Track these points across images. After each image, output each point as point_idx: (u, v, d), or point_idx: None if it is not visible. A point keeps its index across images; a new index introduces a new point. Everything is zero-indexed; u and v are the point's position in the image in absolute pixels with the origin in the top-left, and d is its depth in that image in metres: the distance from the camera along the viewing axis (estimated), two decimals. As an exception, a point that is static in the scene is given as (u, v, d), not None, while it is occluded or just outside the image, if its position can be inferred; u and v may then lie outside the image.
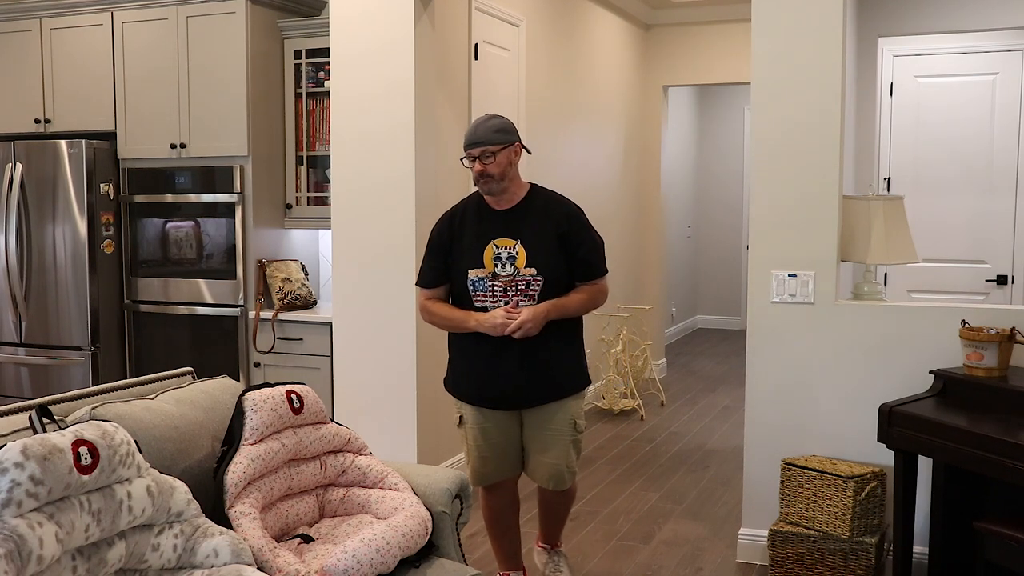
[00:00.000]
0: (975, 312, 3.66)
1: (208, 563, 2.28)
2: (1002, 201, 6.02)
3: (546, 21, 6.21)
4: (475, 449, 3.50)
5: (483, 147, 3.29)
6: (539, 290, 3.32)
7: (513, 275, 3.31)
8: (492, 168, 3.30)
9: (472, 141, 3.32)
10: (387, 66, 4.60)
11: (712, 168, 11.10)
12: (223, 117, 5.24)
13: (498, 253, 3.33)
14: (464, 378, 3.48)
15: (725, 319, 11.14)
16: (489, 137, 3.30)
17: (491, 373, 3.38)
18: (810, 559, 3.72)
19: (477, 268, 3.35)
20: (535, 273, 3.31)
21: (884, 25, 5.91)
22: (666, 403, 7.24)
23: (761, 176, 3.95)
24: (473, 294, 3.36)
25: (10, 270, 5.58)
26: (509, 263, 3.32)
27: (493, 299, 3.33)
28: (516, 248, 3.32)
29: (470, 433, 3.50)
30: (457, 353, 3.50)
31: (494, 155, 3.29)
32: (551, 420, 3.42)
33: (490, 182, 3.31)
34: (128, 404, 2.57)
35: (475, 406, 3.47)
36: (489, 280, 3.33)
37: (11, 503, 1.92)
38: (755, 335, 4.01)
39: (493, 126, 3.33)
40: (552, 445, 3.42)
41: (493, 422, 3.45)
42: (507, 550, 3.66)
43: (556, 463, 3.43)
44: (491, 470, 3.50)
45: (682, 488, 5.17)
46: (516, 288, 3.31)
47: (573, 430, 3.43)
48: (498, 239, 3.34)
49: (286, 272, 5.33)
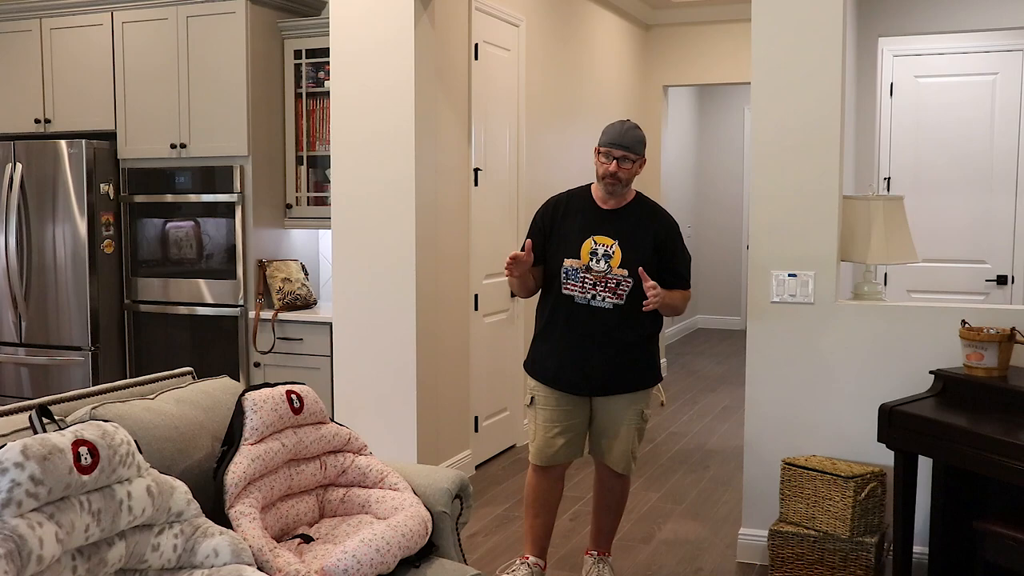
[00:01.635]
0: (975, 312, 3.66)
1: (208, 563, 2.28)
2: (1002, 201, 6.02)
3: (546, 21, 6.21)
4: (543, 429, 3.62)
5: (626, 152, 3.47)
6: (628, 290, 3.46)
7: (606, 272, 3.47)
8: (623, 173, 3.48)
9: (619, 143, 3.47)
10: (387, 66, 4.60)
11: (712, 168, 11.10)
12: (223, 117, 5.24)
13: (595, 248, 3.49)
14: (546, 359, 3.61)
15: (725, 319, 11.14)
16: (634, 146, 3.48)
17: (575, 358, 3.53)
18: (810, 559, 3.72)
19: (573, 258, 3.50)
20: (627, 275, 3.46)
21: (884, 25, 5.91)
22: (666, 403, 7.24)
23: (761, 176, 3.95)
24: (564, 281, 3.52)
25: (10, 270, 5.58)
26: (604, 260, 3.48)
27: (582, 290, 3.49)
28: (614, 248, 3.48)
29: (540, 414, 3.63)
30: (543, 335, 3.64)
31: (633, 163, 3.48)
32: (624, 409, 3.58)
33: (616, 185, 3.49)
34: (128, 404, 2.57)
35: (552, 388, 3.59)
36: (582, 272, 3.49)
37: (11, 503, 1.92)
38: (755, 335, 4.01)
39: (638, 137, 3.51)
40: (625, 432, 3.60)
41: (567, 405, 3.59)
42: (538, 533, 3.74)
43: (624, 448, 3.61)
44: (554, 451, 3.62)
45: (682, 488, 5.17)
46: (606, 285, 3.47)
47: (641, 419, 3.62)
48: (598, 235, 3.51)
49: (286, 272, 5.33)
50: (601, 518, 3.81)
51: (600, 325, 3.49)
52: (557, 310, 3.55)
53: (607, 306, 3.47)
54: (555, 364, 3.58)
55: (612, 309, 3.47)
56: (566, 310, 3.52)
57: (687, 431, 6.43)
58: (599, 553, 3.80)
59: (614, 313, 3.47)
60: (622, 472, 3.66)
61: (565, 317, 3.53)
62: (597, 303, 3.47)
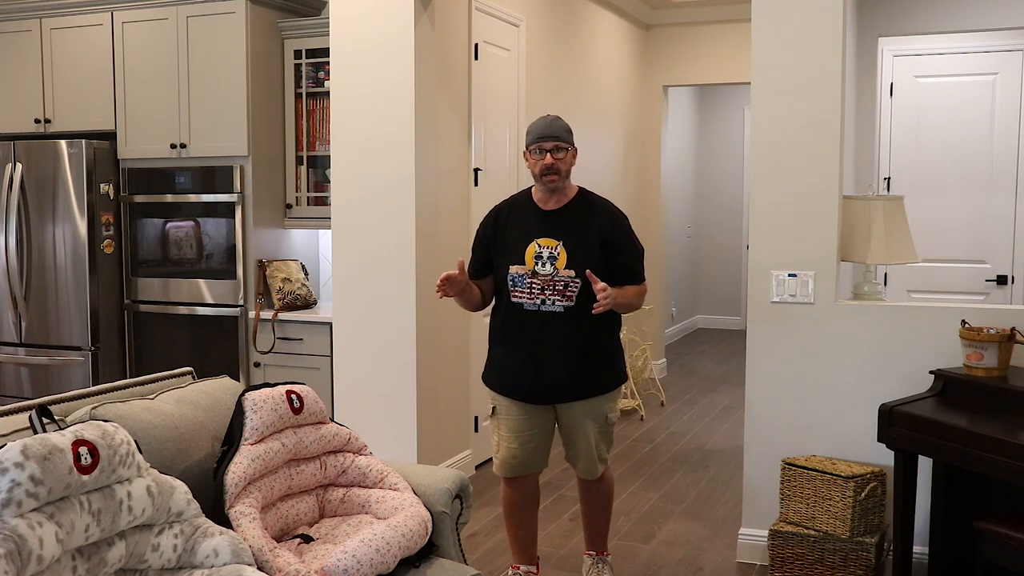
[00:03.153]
0: (975, 312, 3.65)
1: (208, 563, 2.28)
2: (1002, 201, 6.02)
3: (546, 21, 6.21)
4: (505, 440, 3.56)
5: (557, 141, 3.40)
6: (576, 291, 3.38)
7: (552, 275, 3.39)
8: (561, 164, 3.41)
9: (547, 135, 3.40)
10: (387, 66, 4.60)
11: (712, 168, 11.09)
12: (223, 117, 5.24)
13: (540, 252, 3.41)
14: (502, 370, 3.54)
15: (725, 319, 11.14)
16: (563, 135, 3.42)
17: (531, 367, 3.45)
18: (810, 559, 3.72)
19: (518, 264, 3.43)
20: (574, 275, 3.38)
21: (884, 25, 5.91)
22: (666, 403, 7.24)
23: (761, 176, 3.95)
24: (511, 289, 3.45)
25: (10, 270, 5.58)
26: (550, 263, 3.40)
27: (531, 296, 3.41)
28: (558, 249, 3.40)
29: (503, 425, 3.56)
30: (497, 345, 3.58)
31: (566, 152, 3.42)
32: (587, 415, 3.50)
33: (557, 179, 3.41)
34: (128, 404, 2.57)
35: (511, 399, 3.53)
36: (528, 277, 3.41)
37: (11, 503, 1.92)
38: (755, 335, 4.01)
39: (565, 126, 3.45)
40: (588, 438, 3.52)
41: (528, 415, 3.52)
42: (522, 542, 3.71)
43: (591, 454, 3.54)
44: (519, 463, 3.57)
45: (682, 488, 5.17)
46: (554, 288, 3.39)
47: (605, 423, 3.53)
48: (541, 239, 3.43)
49: (286, 272, 5.33)
50: (591, 520, 3.77)
51: (552, 330, 3.40)
52: (508, 319, 3.47)
53: (558, 310, 3.38)
54: (511, 374, 3.50)
55: (563, 312, 3.38)
56: (517, 318, 3.44)
57: (687, 431, 6.43)
58: (597, 553, 3.78)
59: (565, 316, 3.39)
60: (589, 478, 3.61)
61: (517, 325, 3.44)
62: (548, 307, 3.38)
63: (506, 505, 3.68)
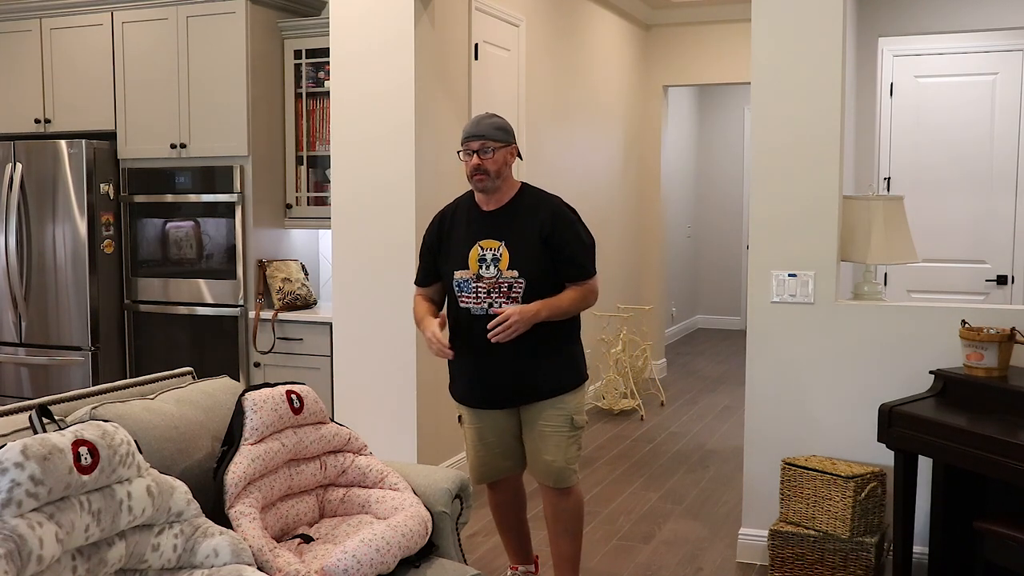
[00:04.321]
0: (975, 312, 3.66)
1: (208, 563, 2.29)
2: (1002, 201, 6.02)
3: (546, 21, 6.21)
4: (472, 448, 3.52)
5: (483, 140, 3.29)
6: (522, 292, 3.28)
7: (496, 277, 3.29)
8: (489, 164, 3.30)
9: (473, 134, 3.31)
10: (387, 66, 4.60)
11: (712, 168, 11.09)
12: (223, 117, 5.23)
13: (483, 255, 3.32)
14: (459, 379, 3.49)
15: (725, 319, 11.14)
16: (491, 132, 3.31)
17: (483, 373, 3.38)
18: (810, 559, 3.72)
19: (463, 269, 3.34)
20: (517, 275, 3.28)
21: (884, 25, 5.91)
22: (666, 403, 7.24)
23: (761, 176, 3.95)
24: (459, 295, 3.36)
25: (10, 270, 5.58)
26: (493, 265, 3.30)
27: (477, 300, 3.31)
28: (500, 250, 3.30)
29: (468, 432, 3.52)
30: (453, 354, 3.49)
31: (493, 151, 3.30)
32: (547, 417, 3.37)
33: (485, 179, 3.31)
34: (128, 404, 2.57)
35: (470, 407, 3.48)
36: (473, 281, 3.32)
37: (11, 503, 1.92)
38: (755, 335, 4.01)
39: (494, 123, 3.34)
40: (549, 442, 3.37)
41: (489, 421, 3.46)
42: (515, 544, 3.69)
43: (554, 459, 3.38)
44: (488, 469, 3.52)
45: (682, 488, 5.17)
46: (499, 290, 3.29)
47: (571, 427, 3.38)
48: (483, 240, 3.33)
49: (286, 272, 5.33)
50: (556, 542, 3.50)
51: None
52: (458, 325, 3.38)
53: None
54: (466, 381, 3.43)
55: None
56: (466, 323, 3.34)
57: (687, 431, 6.43)
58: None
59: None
60: (553, 485, 3.41)
61: (466, 331, 3.34)
62: (496, 311, 3.24)
63: (492, 509, 3.66)
